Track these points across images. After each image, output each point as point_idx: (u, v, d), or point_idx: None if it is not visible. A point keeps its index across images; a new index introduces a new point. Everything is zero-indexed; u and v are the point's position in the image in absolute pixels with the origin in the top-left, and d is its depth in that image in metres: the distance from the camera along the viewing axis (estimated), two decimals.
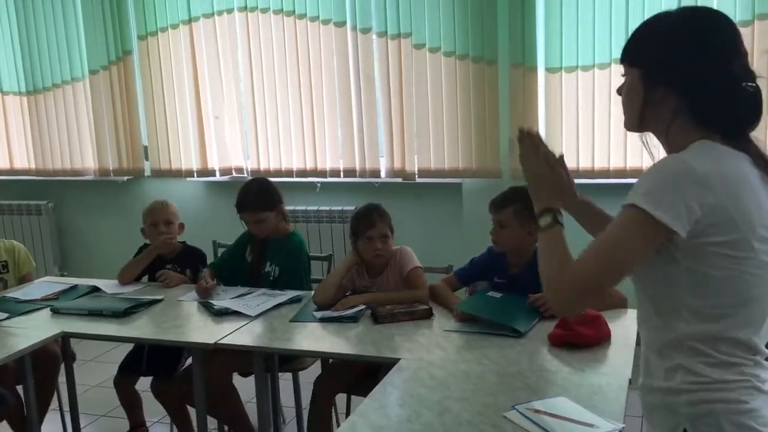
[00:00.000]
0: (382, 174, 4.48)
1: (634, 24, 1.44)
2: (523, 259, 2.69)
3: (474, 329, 2.48)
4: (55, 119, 5.12)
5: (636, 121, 1.40)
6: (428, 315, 2.64)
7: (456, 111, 4.29)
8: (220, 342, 2.51)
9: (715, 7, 1.45)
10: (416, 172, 4.41)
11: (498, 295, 2.70)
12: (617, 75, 3.85)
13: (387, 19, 4.29)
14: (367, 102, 4.46)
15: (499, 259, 2.79)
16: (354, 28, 4.39)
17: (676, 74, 1.33)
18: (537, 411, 1.82)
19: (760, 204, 1.30)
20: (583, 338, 2.26)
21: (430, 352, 2.33)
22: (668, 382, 1.35)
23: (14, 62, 5.12)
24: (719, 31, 1.34)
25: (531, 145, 1.54)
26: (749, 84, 1.32)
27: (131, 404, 3.30)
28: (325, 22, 4.44)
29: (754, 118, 1.34)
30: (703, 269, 1.29)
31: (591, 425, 1.74)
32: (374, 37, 4.37)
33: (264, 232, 3.09)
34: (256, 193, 3.08)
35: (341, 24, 4.41)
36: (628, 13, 3.81)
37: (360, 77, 4.44)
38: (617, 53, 3.82)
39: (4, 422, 3.01)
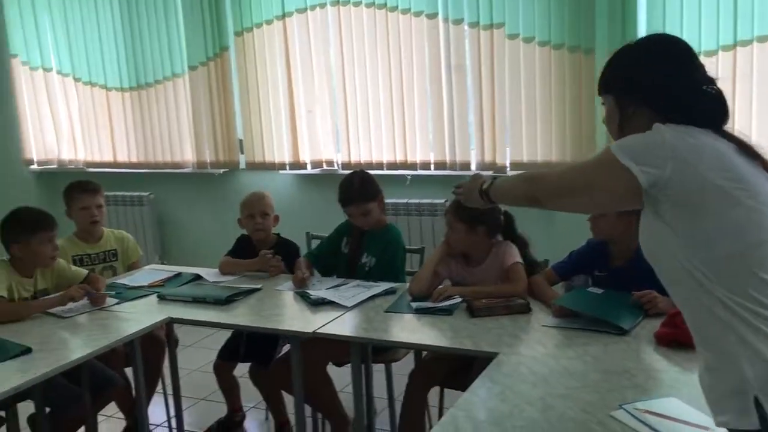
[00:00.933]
0: (473, 167, 4.44)
1: (744, 8, 1.48)
2: (628, 251, 2.59)
3: (574, 325, 2.42)
4: (157, 114, 5.32)
5: (618, 139, 1.51)
6: (526, 310, 2.59)
7: (550, 102, 4.19)
8: (318, 331, 2.55)
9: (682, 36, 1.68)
10: (508, 165, 4.35)
11: (599, 290, 2.63)
12: (725, 62, 3.71)
13: (479, 10, 4.24)
14: (458, 94, 4.43)
15: (601, 251, 2.71)
16: (446, 20, 4.36)
17: (640, 89, 1.49)
18: (646, 411, 1.76)
19: (721, 154, 1.39)
20: (691, 338, 2.16)
21: (529, 347, 2.29)
22: (722, 357, 1.35)
23: (118, 60, 5.34)
24: (674, 47, 1.52)
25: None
26: (711, 87, 1.47)
27: (229, 389, 3.41)
28: (417, 14, 4.43)
29: (722, 115, 1.47)
30: (689, 220, 1.36)
31: (705, 428, 1.67)
32: (466, 27, 4.33)
33: (369, 223, 3.11)
34: (360, 185, 3.11)
35: (433, 15, 4.39)
36: None
37: (451, 69, 4.41)
38: (725, 39, 3.73)
39: (113, 403, 3.16)
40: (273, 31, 4.82)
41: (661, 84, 1.47)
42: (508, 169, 4.33)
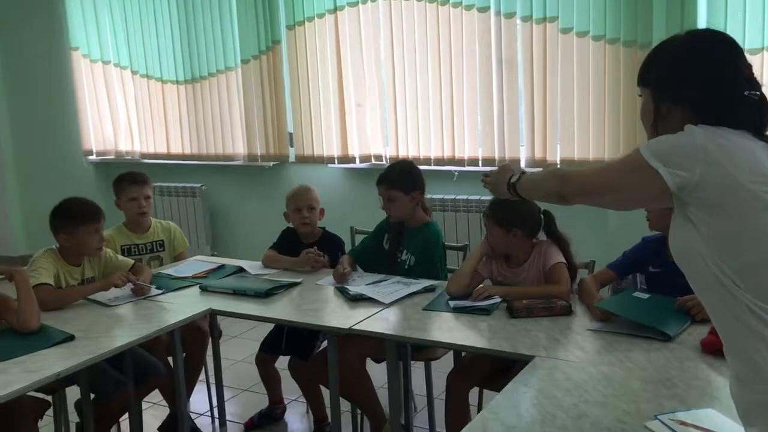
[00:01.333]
0: (522, 163, 4.36)
1: None
2: None
3: (617, 329, 2.34)
4: (210, 106, 5.40)
5: (652, 136, 1.47)
6: (567, 312, 2.52)
7: (603, 99, 4.08)
8: (353, 328, 2.54)
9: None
10: (558, 162, 4.25)
11: (645, 295, 2.54)
12: None
13: (532, 3, 4.16)
14: (509, 89, 4.35)
15: (656, 247, 2.62)
16: (498, 13, 4.29)
17: (675, 88, 1.44)
18: (682, 422, 1.69)
19: (756, 158, 1.34)
20: None
21: (567, 351, 2.23)
22: (751, 367, 1.32)
23: (173, 53, 5.44)
24: (718, 45, 1.44)
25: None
26: (753, 92, 1.41)
27: (270, 381, 3.43)
28: (468, 7, 4.36)
29: (761, 121, 1.41)
30: (718, 224, 1.32)
31: None
32: (518, 21, 4.25)
33: (393, 211, 3.11)
34: (398, 172, 3.12)
35: (485, 9, 4.32)
36: None
37: (502, 63, 4.33)
38: None
39: (156, 391, 3.22)
40: (324, 25, 4.83)
41: (698, 85, 1.41)
42: (557, 166, 4.23)
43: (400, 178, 3.09)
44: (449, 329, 2.51)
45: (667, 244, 2.54)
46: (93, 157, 6.02)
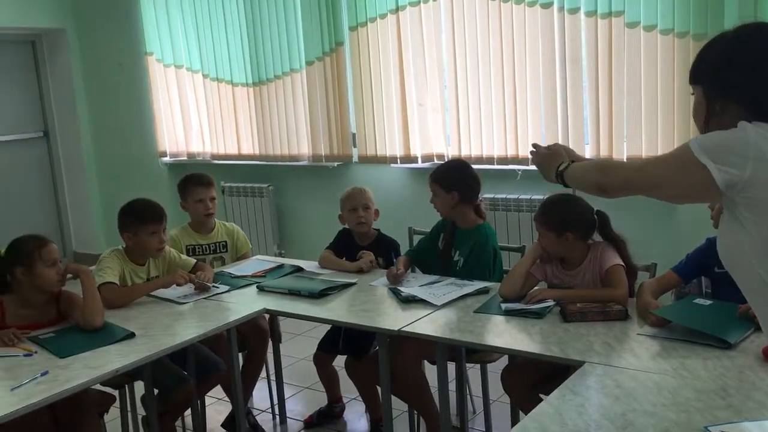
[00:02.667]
0: None
1: None
2: None
3: (674, 336, 2.25)
4: (276, 108, 5.50)
5: (704, 133, 1.44)
6: (623, 316, 2.45)
7: (672, 94, 3.93)
8: (403, 329, 2.54)
9: None
10: (625, 161, 4.12)
11: (707, 302, 2.44)
12: None
13: None
14: (573, 86, 4.25)
15: None
16: (561, 9, 4.19)
17: (728, 84, 1.40)
18: None
19: None
20: None
21: (620, 357, 2.16)
22: None
23: (242, 56, 5.57)
24: None
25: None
26: None
27: (329, 380, 3.47)
28: (531, 4, 4.28)
29: None
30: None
31: None
32: (582, 16, 4.14)
33: (437, 207, 3.13)
34: (445, 168, 3.15)
35: (548, 5, 4.23)
36: None
37: (566, 60, 4.23)
38: None
39: (218, 387, 3.31)
40: (386, 25, 4.84)
41: (751, 81, 1.38)
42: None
43: (444, 174, 3.09)
44: (499, 332, 2.48)
45: None
46: (167, 159, 6.23)
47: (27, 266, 2.61)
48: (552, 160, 1.80)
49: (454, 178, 3.07)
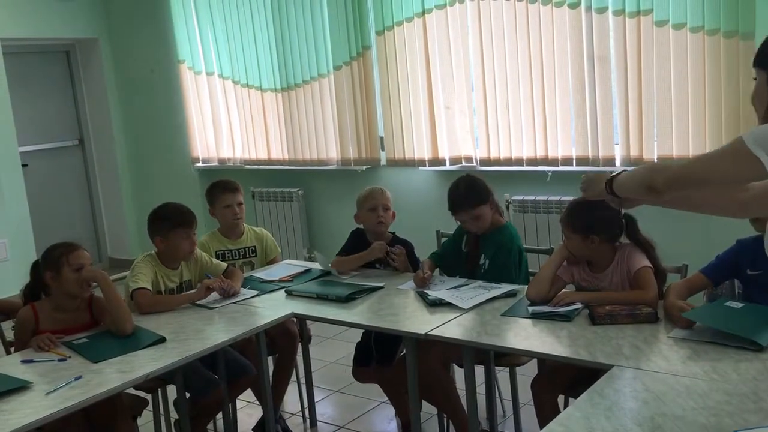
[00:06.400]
0: (617, 162, 4.21)
1: None
2: None
3: (705, 338, 2.22)
4: (305, 113, 5.54)
5: (764, 120, 1.41)
6: (653, 319, 2.41)
7: (703, 93, 3.87)
8: (430, 333, 2.54)
9: None
10: (655, 161, 4.07)
11: (739, 304, 2.39)
12: None
13: None
14: (602, 86, 4.21)
15: (754, 248, 2.43)
16: (589, 8, 4.16)
17: None
18: None
19: None
20: None
21: (649, 360, 2.14)
22: None
23: (271, 62, 5.62)
24: None
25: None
26: None
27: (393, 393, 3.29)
28: (558, 4, 4.26)
29: None
30: None
31: None
32: (611, 15, 4.10)
33: (482, 227, 3.05)
34: (466, 191, 3.04)
35: (575, 5, 4.20)
36: None
37: (594, 60, 4.20)
38: None
39: (249, 390, 3.34)
40: (413, 29, 4.85)
41: None
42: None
43: (472, 194, 3.03)
44: (527, 336, 2.46)
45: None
46: (199, 164, 6.31)
47: (55, 271, 2.66)
48: (600, 175, 1.82)
49: (483, 188, 3.06)
